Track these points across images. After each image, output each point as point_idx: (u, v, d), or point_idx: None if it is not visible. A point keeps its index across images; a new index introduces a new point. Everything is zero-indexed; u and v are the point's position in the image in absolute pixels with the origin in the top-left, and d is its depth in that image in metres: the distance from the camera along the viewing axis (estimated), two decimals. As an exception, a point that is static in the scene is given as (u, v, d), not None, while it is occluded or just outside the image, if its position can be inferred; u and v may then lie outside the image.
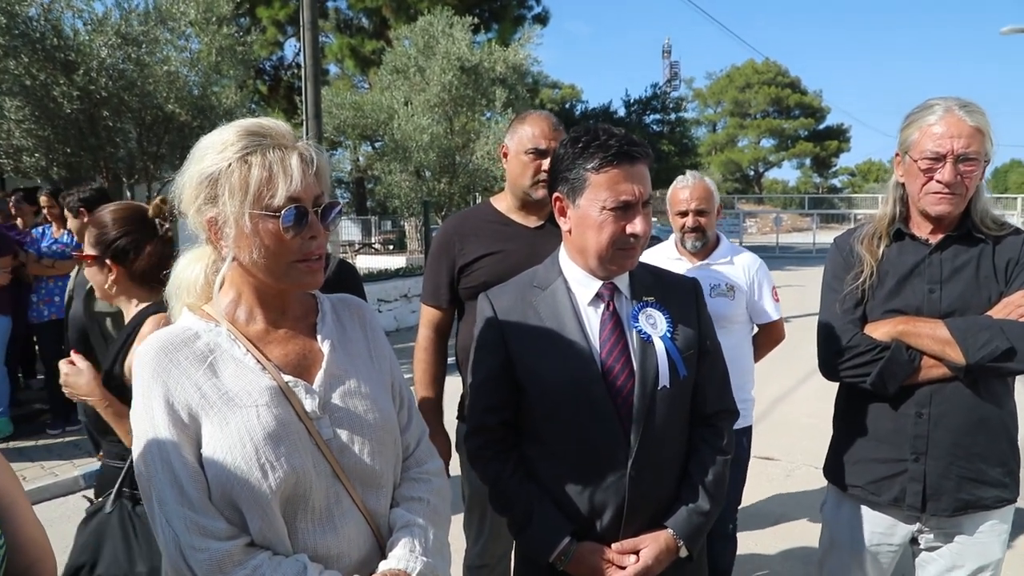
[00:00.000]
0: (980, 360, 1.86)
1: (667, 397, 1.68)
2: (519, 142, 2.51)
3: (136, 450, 1.28)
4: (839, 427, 2.22)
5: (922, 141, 1.92)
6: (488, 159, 14.24)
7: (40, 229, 6.36)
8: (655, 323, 1.72)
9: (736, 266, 3.09)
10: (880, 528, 2.09)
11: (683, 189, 3.04)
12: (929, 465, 1.96)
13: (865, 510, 2.11)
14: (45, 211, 6.37)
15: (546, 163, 2.42)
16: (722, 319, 2.99)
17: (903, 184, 2.03)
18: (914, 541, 2.09)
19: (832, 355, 2.08)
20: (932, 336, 1.92)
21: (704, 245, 3.07)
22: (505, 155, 2.58)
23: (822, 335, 2.13)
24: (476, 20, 15.15)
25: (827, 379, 2.14)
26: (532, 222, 2.56)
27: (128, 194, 8.96)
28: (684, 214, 3.02)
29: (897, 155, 2.04)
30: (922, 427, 1.97)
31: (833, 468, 2.20)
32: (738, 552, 3.75)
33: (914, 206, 2.02)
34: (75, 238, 6.04)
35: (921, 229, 2.03)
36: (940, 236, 1.99)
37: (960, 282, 1.96)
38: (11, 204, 6.68)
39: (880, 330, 2.01)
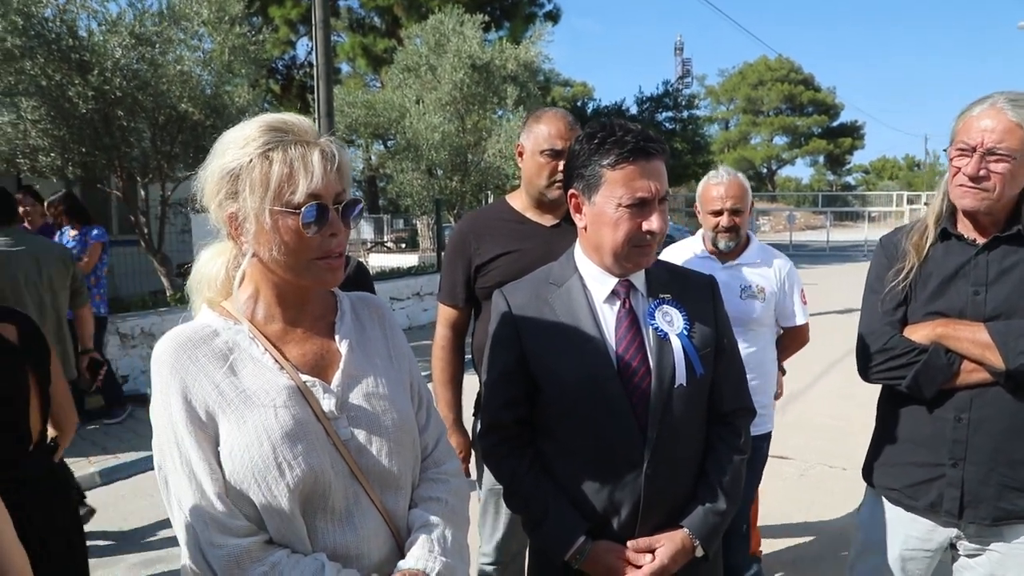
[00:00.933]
0: (1021, 366, 1.81)
1: (684, 395, 1.67)
2: (535, 142, 2.48)
3: (155, 446, 1.29)
4: (879, 429, 2.18)
5: (960, 132, 1.87)
6: (500, 157, 14.22)
7: (60, 232, 6.55)
8: (672, 320, 1.70)
9: (768, 267, 3.01)
10: (916, 532, 2.04)
11: (717, 186, 2.90)
12: (968, 471, 1.91)
13: (902, 513, 2.06)
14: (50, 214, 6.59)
15: (562, 164, 2.42)
16: (752, 322, 2.93)
17: None
18: (953, 547, 2.04)
19: (868, 356, 2.04)
20: (972, 340, 1.87)
21: (737, 245, 2.98)
22: (520, 154, 2.56)
23: (860, 336, 2.10)
24: (487, 18, 15.16)
25: (864, 380, 2.11)
26: (548, 221, 2.55)
27: (143, 193, 9.02)
28: (719, 213, 2.89)
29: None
30: (961, 432, 1.91)
31: (871, 470, 2.17)
32: (772, 557, 3.74)
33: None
34: (83, 239, 6.38)
35: (968, 229, 1.97)
36: (988, 237, 1.93)
37: (1007, 285, 1.89)
38: (21, 208, 6.76)
39: (919, 332, 1.96)
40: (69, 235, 6.48)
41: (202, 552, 1.22)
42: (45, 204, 6.57)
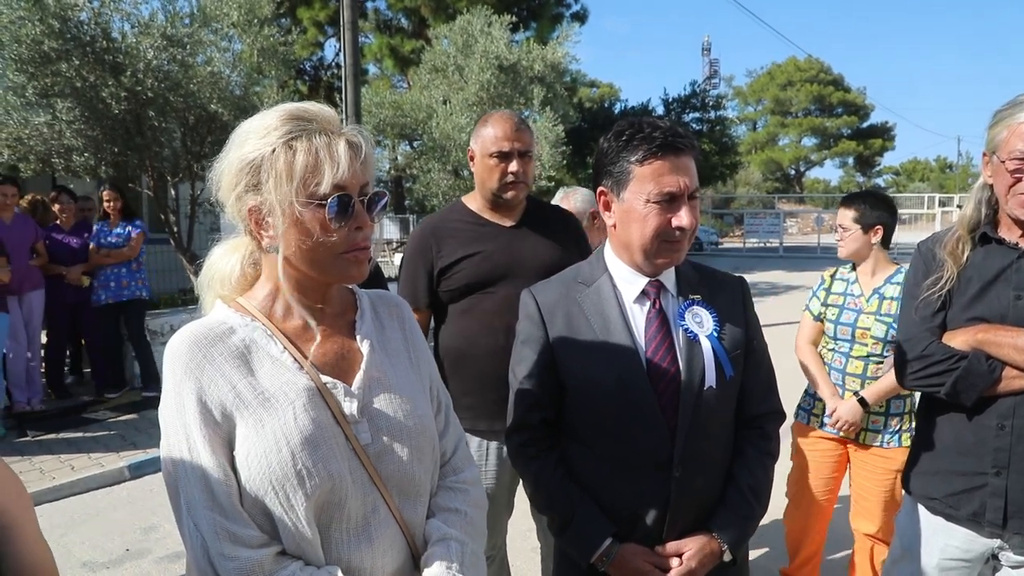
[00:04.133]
0: None
1: (713, 397, 1.64)
2: (483, 145, 2.49)
3: (164, 449, 1.22)
4: (919, 436, 2.13)
5: (1011, 140, 1.80)
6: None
7: (99, 224, 7.03)
8: (702, 322, 1.67)
9: None
10: (956, 542, 1.99)
11: None
12: (1012, 480, 1.85)
13: (942, 522, 2.01)
14: (109, 205, 6.97)
15: (512, 165, 2.44)
16: None
17: (991, 186, 1.93)
18: (995, 557, 1.98)
19: (906, 363, 2.00)
20: (1013, 345, 1.81)
21: None
22: (472, 159, 2.57)
23: (898, 342, 2.05)
24: (514, 19, 15.13)
25: (902, 387, 2.07)
26: (507, 222, 2.56)
27: (172, 192, 9.15)
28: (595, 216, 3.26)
29: (985, 155, 1.93)
30: (1004, 440, 1.86)
31: (911, 478, 2.12)
32: (768, 559, 3.68)
33: (1002, 209, 1.91)
34: (124, 228, 6.97)
35: (1011, 233, 1.92)
36: None
37: None
38: (57, 205, 6.97)
39: (958, 338, 1.91)
40: (113, 225, 7.03)
41: (212, 563, 1.15)
42: (103, 192, 7.03)
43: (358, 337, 1.37)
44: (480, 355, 2.44)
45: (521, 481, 2.59)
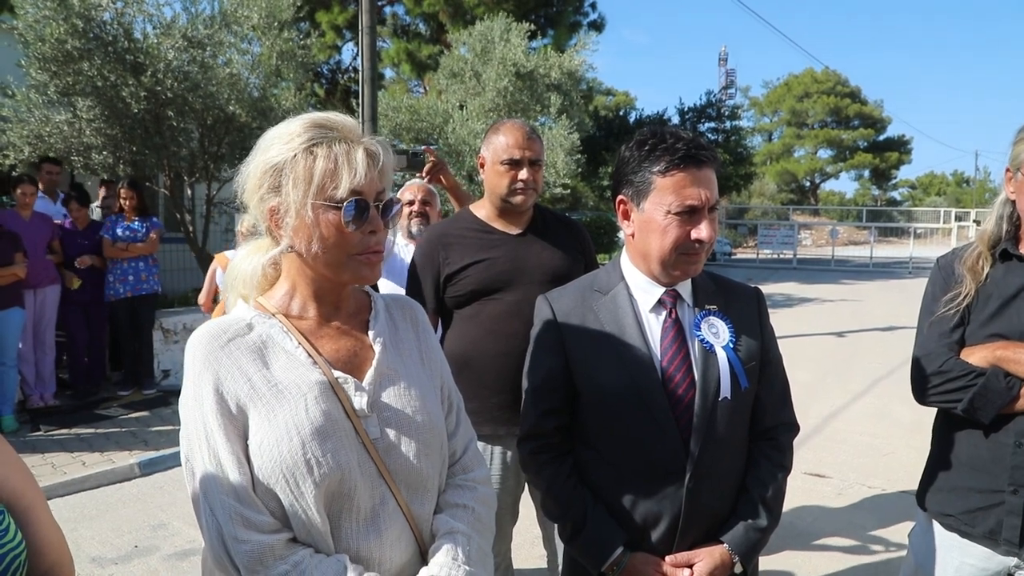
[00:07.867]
0: None
1: (728, 409, 1.64)
2: (494, 152, 2.53)
3: (183, 438, 1.28)
4: (934, 452, 2.11)
5: None
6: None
7: (113, 217, 7.13)
8: (717, 332, 1.67)
9: None
10: (971, 560, 1.96)
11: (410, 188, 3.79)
12: None
13: (957, 539, 1.98)
14: (126, 202, 7.07)
15: (522, 173, 2.48)
16: None
17: (1013, 201, 1.92)
18: None
19: (923, 378, 1.98)
20: None
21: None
22: (482, 165, 2.60)
23: (915, 358, 2.04)
24: (532, 26, 15.17)
25: (918, 403, 2.05)
26: (514, 230, 2.59)
27: (189, 192, 9.22)
28: (411, 203, 3.78)
29: (1008, 171, 1.92)
30: (1021, 458, 1.84)
31: (925, 494, 2.09)
32: (785, 570, 3.66)
33: None
34: (142, 224, 7.10)
35: None
36: None
37: None
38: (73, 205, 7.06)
39: (976, 355, 1.90)
40: (129, 220, 7.14)
41: (225, 546, 1.21)
42: (120, 188, 7.15)
43: (371, 335, 1.42)
44: (484, 360, 2.47)
45: (527, 487, 2.60)
